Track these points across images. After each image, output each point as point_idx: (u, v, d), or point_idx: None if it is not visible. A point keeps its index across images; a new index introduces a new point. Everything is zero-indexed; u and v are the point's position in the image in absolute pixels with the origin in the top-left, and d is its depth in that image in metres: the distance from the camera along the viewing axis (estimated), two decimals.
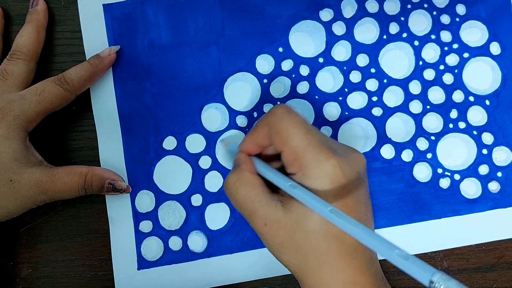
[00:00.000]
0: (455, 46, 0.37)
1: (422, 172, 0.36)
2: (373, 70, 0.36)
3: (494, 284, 0.35)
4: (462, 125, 0.36)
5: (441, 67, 0.36)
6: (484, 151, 0.36)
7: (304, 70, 0.37)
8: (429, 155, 0.36)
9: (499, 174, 0.36)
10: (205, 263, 0.36)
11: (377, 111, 0.36)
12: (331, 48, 0.37)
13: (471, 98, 0.36)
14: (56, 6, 0.37)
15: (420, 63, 0.36)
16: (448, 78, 0.36)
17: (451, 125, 0.36)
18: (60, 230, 0.36)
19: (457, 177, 0.36)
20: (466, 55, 0.37)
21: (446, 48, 0.37)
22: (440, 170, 0.36)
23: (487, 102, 0.36)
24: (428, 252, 0.36)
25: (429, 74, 0.36)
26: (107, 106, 0.36)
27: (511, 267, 0.36)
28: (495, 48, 0.36)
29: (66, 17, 0.37)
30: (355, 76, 0.36)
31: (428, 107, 0.36)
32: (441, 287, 0.21)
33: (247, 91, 0.37)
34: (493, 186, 0.36)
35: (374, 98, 0.36)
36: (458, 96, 0.36)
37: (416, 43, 0.37)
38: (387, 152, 0.36)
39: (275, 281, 0.36)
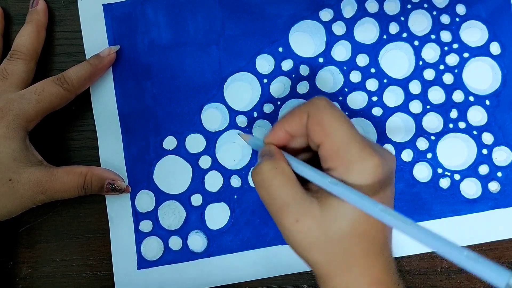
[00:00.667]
0: (455, 46, 0.37)
1: (422, 172, 0.36)
2: (373, 70, 0.36)
3: None
4: (462, 125, 0.36)
5: (441, 67, 0.36)
6: (484, 151, 0.36)
7: (304, 70, 0.37)
8: (429, 155, 0.36)
9: (499, 174, 0.36)
10: (205, 263, 0.36)
11: (377, 111, 0.36)
12: (331, 48, 0.37)
13: (471, 98, 0.36)
14: (56, 6, 0.37)
15: (420, 63, 0.36)
16: (448, 78, 0.36)
17: (451, 125, 0.36)
18: (60, 230, 0.36)
19: (457, 177, 0.36)
20: (466, 55, 0.37)
21: (446, 48, 0.37)
22: (440, 170, 0.36)
23: (487, 102, 0.36)
24: (428, 252, 0.35)
25: (429, 74, 0.36)
26: (107, 106, 0.36)
27: (511, 267, 0.36)
28: (495, 48, 0.36)
29: (66, 17, 0.37)
30: (355, 76, 0.36)
31: (428, 107, 0.36)
32: None
33: (247, 91, 0.37)
34: (493, 186, 0.36)
35: (374, 98, 0.36)
36: (458, 96, 0.36)
37: (416, 43, 0.37)
38: None
39: (275, 281, 0.36)
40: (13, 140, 0.32)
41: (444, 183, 0.36)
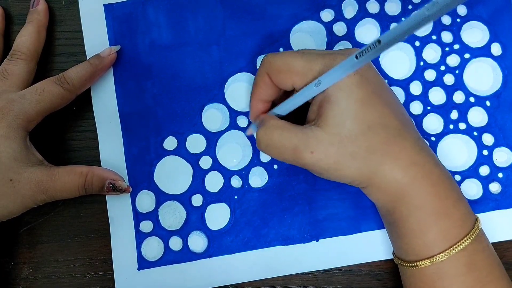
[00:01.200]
0: (456, 46, 0.37)
1: None
2: None
3: None
4: (462, 126, 0.36)
5: (442, 67, 0.36)
6: (485, 152, 0.36)
7: None
8: None
9: (500, 175, 0.36)
10: (205, 263, 0.36)
11: None
12: (332, 49, 0.37)
13: (472, 99, 0.36)
14: (57, 6, 0.37)
15: (421, 63, 0.36)
16: (449, 79, 0.36)
17: (451, 126, 0.36)
18: (60, 230, 0.36)
19: (458, 178, 0.36)
20: (467, 55, 0.36)
21: (447, 49, 0.37)
22: None
23: (488, 103, 0.36)
24: None
25: (430, 75, 0.36)
26: (108, 106, 0.36)
27: (511, 267, 0.36)
28: (496, 49, 0.36)
29: (67, 17, 0.37)
30: None
31: (428, 107, 0.36)
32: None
33: (248, 91, 0.37)
34: (494, 187, 0.36)
35: None
36: (458, 97, 0.36)
37: (417, 43, 0.37)
38: None
39: (276, 281, 0.36)
40: (14, 140, 0.32)
41: None
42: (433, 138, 0.36)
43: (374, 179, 0.29)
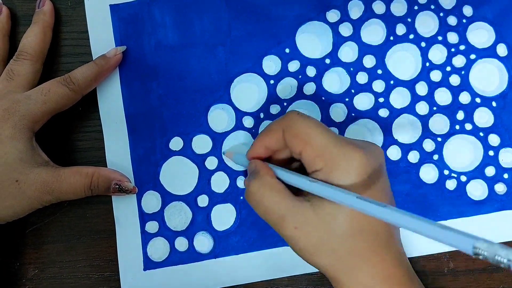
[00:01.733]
0: (462, 47, 0.37)
1: (428, 174, 0.36)
2: (379, 71, 0.36)
3: (501, 285, 0.35)
4: (468, 126, 0.36)
5: (448, 68, 0.36)
6: (491, 153, 0.36)
7: (311, 71, 0.37)
8: (435, 157, 0.36)
9: (506, 175, 0.36)
10: (211, 264, 0.36)
11: (383, 112, 0.36)
12: (337, 49, 0.37)
13: (478, 100, 0.36)
14: (63, 6, 0.37)
15: (427, 64, 0.36)
16: (454, 80, 0.36)
17: (457, 127, 0.36)
18: (66, 231, 0.36)
19: (463, 178, 0.36)
20: (473, 56, 0.36)
21: (453, 50, 0.37)
22: (446, 172, 0.36)
23: (494, 104, 0.36)
24: (434, 253, 0.35)
25: (435, 76, 0.36)
26: (114, 107, 0.36)
27: None
28: (502, 50, 0.36)
29: (73, 17, 0.37)
30: (362, 77, 0.36)
31: (434, 108, 0.36)
32: (485, 253, 0.20)
33: (254, 92, 0.37)
34: (500, 188, 0.36)
35: (381, 99, 0.36)
36: (464, 98, 0.36)
37: (423, 44, 0.37)
38: (393, 153, 0.36)
39: (281, 282, 0.36)
40: (20, 141, 0.32)
41: (451, 184, 0.36)
42: (439, 139, 0.36)
43: (344, 278, 0.28)
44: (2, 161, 0.31)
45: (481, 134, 0.36)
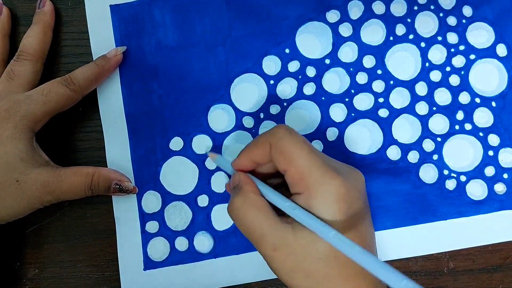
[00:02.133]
0: (462, 47, 0.37)
1: (428, 174, 0.36)
2: (379, 72, 0.36)
3: (501, 285, 0.35)
4: (468, 126, 0.36)
5: (448, 68, 0.37)
6: (490, 153, 0.36)
7: (311, 71, 0.37)
8: (435, 157, 0.36)
9: (505, 175, 0.36)
10: (211, 264, 0.36)
11: (383, 113, 0.36)
12: (337, 50, 0.37)
13: (477, 100, 0.36)
14: (63, 7, 0.37)
15: (427, 64, 0.37)
16: (454, 80, 0.36)
17: (457, 127, 0.36)
18: (66, 231, 0.36)
19: (463, 178, 0.36)
20: (472, 56, 0.37)
21: (452, 50, 0.37)
22: (446, 172, 0.36)
23: (493, 104, 0.36)
24: (434, 253, 0.36)
25: (435, 76, 0.36)
26: (114, 107, 0.37)
27: None
28: (501, 50, 0.36)
29: (73, 18, 0.37)
30: (362, 78, 0.36)
31: (434, 108, 0.36)
32: None
33: (254, 92, 0.37)
34: (499, 188, 0.36)
35: (381, 100, 0.36)
36: (464, 98, 0.36)
37: (423, 44, 0.37)
38: (393, 153, 0.36)
39: (280, 281, 0.36)
40: (20, 141, 0.32)
41: (450, 184, 0.36)
42: (439, 139, 0.36)
43: None
44: (2, 161, 0.31)
45: (481, 134, 0.36)
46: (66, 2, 0.38)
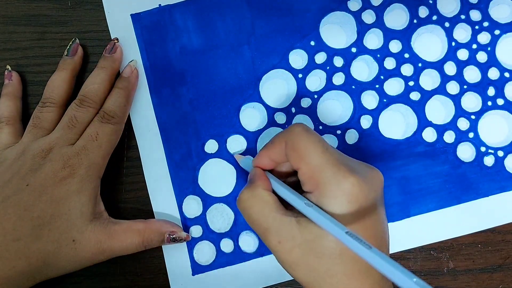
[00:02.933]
0: (486, 24, 0.37)
1: (465, 152, 0.36)
2: (406, 55, 0.37)
3: (501, 285, 0.35)
4: (500, 101, 0.36)
5: (474, 46, 0.37)
6: None
7: (338, 61, 0.37)
8: (471, 135, 0.36)
9: None
10: (258, 263, 0.36)
11: (415, 96, 0.36)
12: (362, 37, 0.37)
13: (507, 74, 0.36)
14: (63, 7, 0.37)
15: (453, 44, 0.37)
16: (482, 57, 0.36)
17: (489, 103, 0.36)
18: None
19: (500, 153, 0.36)
20: (497, 32, 0.37)
21: (477, 27, 0.37)
22: (483, 149, 0.36)
23: None
24: (434, 253, 0.36)
25: (462, 54, 0.37)
26: (146, 116, 0.36)
27: None
28: None
29: (73, 18, 0.38)
30: (390, 63, 0.37)
31: (465, 87, 0.36)
32: None
33: (283, 87, 0.37)
34: None
35: (411, 83, 0.36)
36: (493, 74, 0.36)
37: (447, 24, 0.37)
38: (429, 135, 0.36)
39: None
40: (85, 193, 0.32)
41: (489, 160, 0.36)
42: (473, 117, 0.36)
43: None
44: (64, 218, 0.31)
45: None
46: (66, 2, 0.37)
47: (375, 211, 0.27)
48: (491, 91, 0.36)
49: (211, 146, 0.36)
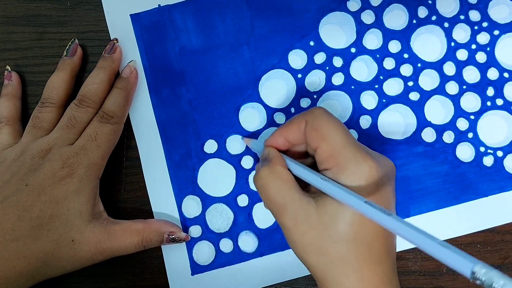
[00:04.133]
0: (485, 24, 0.37)
1: (465, 152, 0.36)
2: (406, 56, 0.37)
3: None
4: (499, 102, 0.36)
5: (473, 46, 0.37)
6: None
7: (338, 62, 0.37)
8: (470, 135, 0.36)
9: None
10: (258, 262, 0.36)
11: (414, 96, 0.36)
12: (362, 37, 0.37)
13: (506, 75, 0.36)
14: (62, 7, 0.37)
15: (452, 44, 0.37)
16: (481, 57, 0.37)
17: (489, 103, 0.36)
18: None
19: (500, 153, 0.36)
20: (496, 32, 0.37)
21: (476, 27, 0.37)
22: (482, 149, 0.36)
23: None
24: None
25: (462, 55, 0.37)
26: (145, 117, 0.36)
27: None
28: None
29: (72, 18, 0.38)
30: (389, 63, 0.37)
31: (464, 87, 0.36)
32: (482, 278, 0.19)
33: (283, 87, 0.37)
34: None
35: (410, 83, 0.36)
36: (492, 74, 0.36)
37: (446, 24, 0.37)
38: (428, 135, 0.36)
39: None
40: (84, 193, 0.32)
41: (488, 161, 0.36)
42: (472, 117, 0.36)
43: (330, 283, 0.27)
44: (63, 218, 0.31)
45: None
46: (65, 2, 0.37)
47: (388, 190, 0.27)
48: (490, 91, 0.36)
49: (210, 146, 0.36)
